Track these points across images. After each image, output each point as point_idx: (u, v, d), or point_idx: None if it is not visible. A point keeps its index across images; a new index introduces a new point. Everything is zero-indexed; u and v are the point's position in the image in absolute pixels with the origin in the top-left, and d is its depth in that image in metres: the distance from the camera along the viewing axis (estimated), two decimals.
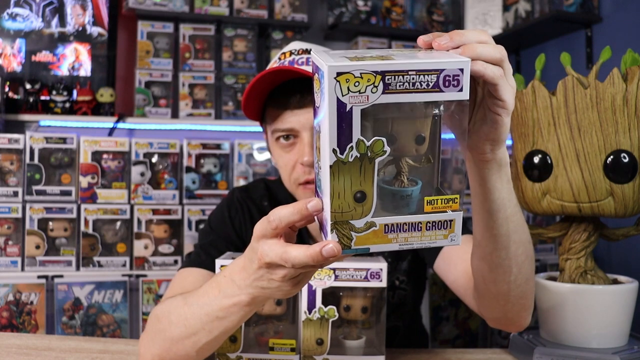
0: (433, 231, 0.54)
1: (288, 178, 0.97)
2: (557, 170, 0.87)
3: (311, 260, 0.55)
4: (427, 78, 0.49)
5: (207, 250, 1.00)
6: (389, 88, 0.49)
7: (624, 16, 1.96)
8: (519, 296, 0.80)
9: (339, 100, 0.49)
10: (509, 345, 0.97)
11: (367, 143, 0.51)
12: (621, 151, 0.83)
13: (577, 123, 0.85)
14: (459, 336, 2.15)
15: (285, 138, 0.95)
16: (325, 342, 0.81)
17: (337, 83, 0.49)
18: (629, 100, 0.83)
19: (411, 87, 0.49)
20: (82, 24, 2.13)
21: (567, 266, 0.93)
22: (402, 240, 0.54)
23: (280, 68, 0.90)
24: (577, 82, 0.84)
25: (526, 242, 0.76)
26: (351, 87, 0.49)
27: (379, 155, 0.51)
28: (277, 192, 1.11)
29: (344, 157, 0.51)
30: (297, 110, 0.92)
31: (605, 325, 0.87)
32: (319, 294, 0.81)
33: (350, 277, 0.80)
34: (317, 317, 0.81)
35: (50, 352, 0.92)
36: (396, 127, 0.53)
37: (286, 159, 0.96)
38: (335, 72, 0.49)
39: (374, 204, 0.53)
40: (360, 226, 0.53)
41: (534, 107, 0.88)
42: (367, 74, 0.49)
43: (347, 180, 0.52)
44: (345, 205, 0.53)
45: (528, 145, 0.90)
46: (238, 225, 1.06)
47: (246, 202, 1.08)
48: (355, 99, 0.49)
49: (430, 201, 0.54)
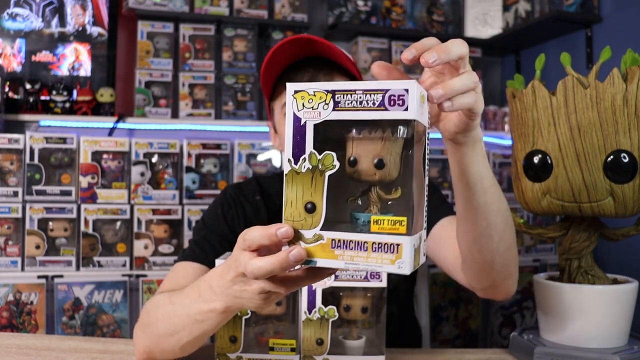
0: (379, 254, 0.52)
1: None
2: (557, 170, 0.87)
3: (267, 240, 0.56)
4: (373, 97, 0.52)
5: (201, 244, 1.03)
6: (339, 106, 0.53)
7: (624, 16, 1.96)
8: (503, 263, 0.84)
9: (295, 115, 0.54)
10: (509, 345, 0.97)
11: (319, 156, 0.54)
12: (621, 151, 0.83)
13: (577, 123, 0.85)
14: (459, 336, 2.15)
15: None
16: (325, 342, 0.81)
17: (294, 100, 0.54)
18: (629, 100, 0.83)
19: (358, 105, 0.52)
20: (82, 24, 2.13)
21: (567, 266, 0.93)
22: (348, 259, 0.53)
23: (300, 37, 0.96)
24: (577, 82, 0.84)
25: (504, 211, 0.80)
26: (305, 103, 0.54)
27: (329, 169, 0.54)
28: (268, 186, 1.15)
29: (298, 167, 0.54)
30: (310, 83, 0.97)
31: (605, 325, 0.87)
32: (319, 294, 0.81)
33: (350, 277, 0.80)
34: (317, 317, 0.81)
35: (50, 352, 0.92)
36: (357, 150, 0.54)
37: None
38: (293, 89, 0.55)
39: (323, 216, 0.54)
40: (309, 237, 0.55)
41: (534, 107, 0.88)
42: (320, 92, 0.53)
43: (300, 190, 0.54)
44: (296, 214, 0.55)
45: (528, 145, 0.90)
46: (230, 221, 1.09)
47: (239, 198, 1.12)
48: (309, 114, 0.54)
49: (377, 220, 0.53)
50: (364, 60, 2.33)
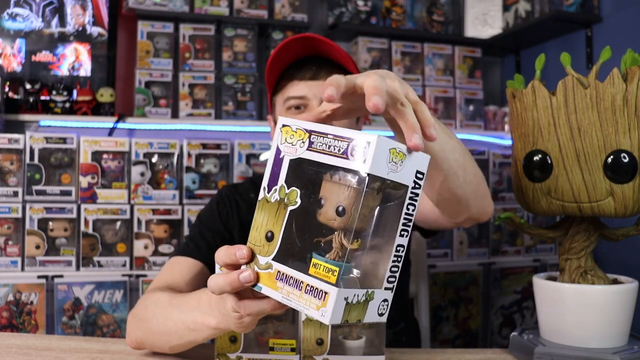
0: (310, 296, 0.52)
1: None
2: (557, 171, 0.87)
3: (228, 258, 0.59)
4: (340, 144, 0.52)
5: (195, 240, 1.08)
6: (312, 146, 0.54)
7: (624, 16, 1.96)
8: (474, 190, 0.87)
9: (277, 147, 0.57)
10: (509, 345, 0.97)
11: (287, 190, 0.55)
12: (621, 151, 0.83)
13: (577, 123, 0.85)
14: (459, 336, 2.15)
15: (296, 108, 1.05)
16: (325, 342, 0.81)
17: (281, 133, 0.57)
18: (629, 100, 0.83)
19: (327, 149, 0.53)
20: (82, 24, 2.13)
21: (567, 266, 0.93)
22: (285, 293, 0.54)
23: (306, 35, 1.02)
24: (577, 82, 0.84)
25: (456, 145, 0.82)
26: (288, 138, 0.56)
27: (292, 204, 0.55)
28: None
29: (269, 196, 0.57)
30: (310, 81, 1.04)
31: (605, 325, 0.87)
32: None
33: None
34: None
35: (50, 352, 0.92)
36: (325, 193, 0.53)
37: None
38: (282, 123, 0.57)
39: (277, 247, 0.55)
40: (262, 263, 0.56)
41: (534, 107, 0.88)
42: (300, 129, 0.55)
43: (265, 218, 0.56)
44: (258, 239, 0.57)
45: (528, 146, 0.90)
46: (225, 218, 1.13)
47: (234, 196, 1.16)
48: (288, 149, 0.56)
49: (315, 264, 0.52)
50: (364, 60, 2.33)
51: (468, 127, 2.42)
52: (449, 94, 2.41)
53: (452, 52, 2.42)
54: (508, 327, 2.20)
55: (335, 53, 1.05)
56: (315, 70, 1.05)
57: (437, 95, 2.40)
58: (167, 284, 1.00)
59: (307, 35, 1.03)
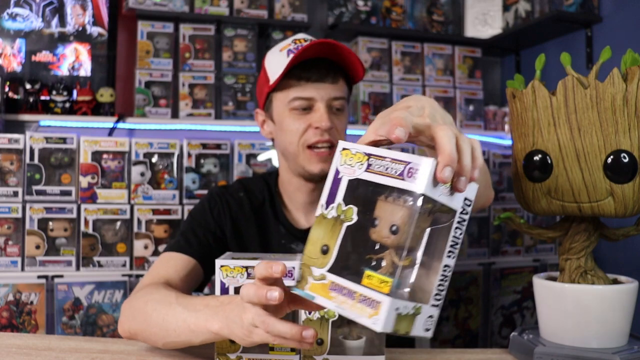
0: (362, 305, 0.56)
1: (297, 141, 1.07)
2: (557, 170, 0.87)
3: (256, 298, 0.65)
4: (397, 166, 0.56)
5: (187, 236, 1.10)
6: (370, 168, 0.59)
7: (624, 16, 1.96)
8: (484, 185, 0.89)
9: (337, 168, 0.61)
10: (509, 345, 0.97)
11: (344, 207, 0.60)
12: (621, 151, 0.83)
13: (577, 123, 0.84)
14: (459, 336, 2.15)
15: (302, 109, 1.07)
16: (326, 342, 0.81)
17: (340, 155, 0.62)
18: (629, 100, 0.83)
19: (384, 170, 0.57)
20: (82, 24, 2.13)
21: (567, 266, 0.93)
22: (338, 302, 0.58)
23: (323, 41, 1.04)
24: (577, 82, 0.84)
25: None
26: (347, 160, 0.61)
27: (348, 220, 0.59)
28: (251, 185, 1.21)
29: (326, 212, 0.61)
30: (318, 83, 1.06)
31: (605, 325, 0.87)
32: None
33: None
34: (317, 317, 0.81)
35: (50, 352, 0.92)
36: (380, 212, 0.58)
37: (299, 123, 1.07)
38: (342, 147, 0.62)
39: (332, 260, 0.59)
40: (317, 274, 0.60)
41: (534, 107, 0.88)
42: (360, 153, 0.60)
43: (322, 233, 0.61)
44: (314, 252, 0.61)
45: (528, 145, 0.90)
46: (217, 215, 1.15)
47: (224, 195, 1.18)
48: (347, 170, 0.60)
49: (369, 275, 0.56)
50: (364, 60, 2.33)
51: (468, 127, 2.42)
52: (449, 94, 2.41)
53: (452, 52, 2.42)
54: (508, 327, 2.20)
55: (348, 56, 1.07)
56: (323, 72, 1.07)
57: (437, 95, 2.40)
58: (165, 279, 1.01)
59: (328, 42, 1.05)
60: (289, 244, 1.15)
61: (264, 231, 1.16)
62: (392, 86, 2.35)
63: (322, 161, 1.07)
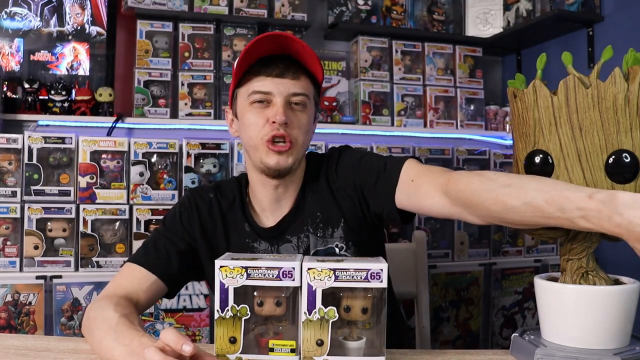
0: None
1: (256, 136, 1.08)
2: (559, 170, 0.86)
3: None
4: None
5: (148, 248, 1.11)
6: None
7: (625, 15, 1.96)
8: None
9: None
10: (510, 346, 0.97)
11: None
12: (623, 151, 0.83)
13: (578, 123, 0.84)
14: (460, 337, 2.15)
15: (259, 102, 1.08)
16: (326, 343, 0.81)
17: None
18: (631, 99, 0.82)
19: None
20: (81, 23, 2.13)
21: (568, 267, 0.92)
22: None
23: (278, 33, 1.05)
24: (578, 82, 0.84)
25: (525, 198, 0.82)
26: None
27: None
28: (225, 186, 1.21)
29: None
30: (277, 78, 1.07)
31: (607, 326, 0.87)
32: (319, 294, 0.81)
33: (350, 277, 0.81)
34: (317, 317, 0.81)
35: (48, 353, 0.92)
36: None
37: (257, 118, 1.08)
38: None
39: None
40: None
41: (535, 106, 0.88)
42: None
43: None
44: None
45: (529, 145, 0.90)
46: (186, 220, 1.16)
47: (194, 197, 1.19)
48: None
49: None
50: (364, 60, 2.32)
51: (469, 127, 2.41)
52: (450, 94, 2.40)
53: (452, 52, 2.42)
54: (509, 328, 2.19)
55: (304, 54, 1.08)
56: (283, 68, 1.07)
57: (437, 95, 2.39)
58: (126, 291, 1.04)
59: (280, 34, 1.05)
60: (252, 242, 1.15)
61: (230, 231, 1.16)
62: (393, 85, 2.34)
63: (278, 155, 1.07)
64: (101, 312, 0.93)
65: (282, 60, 1.08)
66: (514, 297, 2.22)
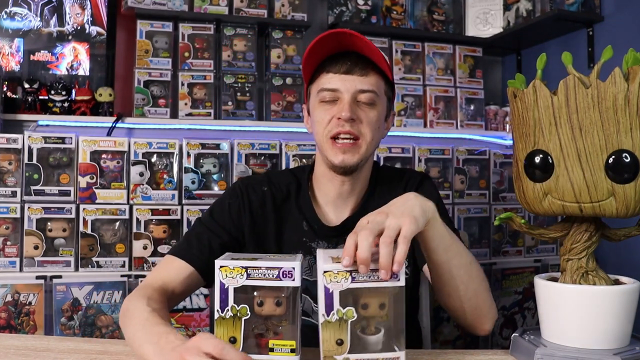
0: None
1: (322, 132, 1.09)
2: (559, 170, 0.86)
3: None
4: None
5: (190, 241, 1.10)
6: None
7: (625, 15, 1.96)
8: (473, 307, 0.99)
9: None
10: (510, 346, 0.97)
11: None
12: (623, 151, 0.83)
13: (578, 123, 0.84)
14: (460, 337, 2.15)
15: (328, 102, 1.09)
16: (345, 342, 0.81)
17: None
18: (631, 99, 0.82)
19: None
20: (81, 23, 2.13)
21: (568, 267, 0.92)
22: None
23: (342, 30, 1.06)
24: (578, 82, 0.84)
25: (466, 264, 0.96)
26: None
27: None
28: (277, 179, 1.19)
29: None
30: (344, 75, 1.08)
31: (607, 326, 0.87)
32: (337, 296, 0.81)
33: (368, 277, 0.81)
34: (336, 318, 0.81)
35: (48, 353, 0.92)
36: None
37: (325, 114, 1.09)
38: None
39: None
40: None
41: (535, 106, 0.88)
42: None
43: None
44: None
45: (529, 145, 0.90)
46: (235, 212, 1.13)
47: (247, 189, 1.16)
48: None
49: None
50: None
51: (469, 127, 2.41)
52: (450, 94, 2.40)
53: (452, 52, 2.42)
54: (509, 328, 2.19)
55: (368, 50, 1.08)
56: (350, 65, 1.08)
57: (437, 95, 2.39)
58: (162, 281, 1.02)
59: (344, 31, 1.06)
60: (310, 242, 1.13)
61: (283, 228, 1.14)
62: None
63: (342, 152, 1.06)
64: (134, 305, 0.92)
65: (349, 56, 1.09)
66: (514, 297, 2.22)
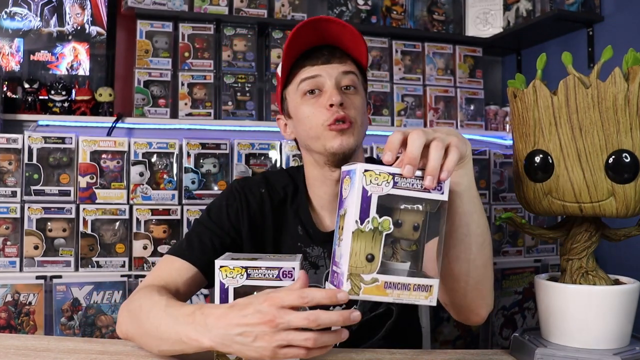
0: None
1: (316, 124, 1.04)
2: (559, 170, 0.86)
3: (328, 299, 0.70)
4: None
5: (191, 241, 1.07)
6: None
7: (625, 15, 1.96)
8: (477, 280, 0.90)
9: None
10: (510, 346, 0.97)
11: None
12: (623, 151, 0.83)
13: (578, 123, 0.84)
14: (460, 337, 2.15)
15: (310, 92, 1.05)
16: (377, 259, 0.72)
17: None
18: (631, 99, 0.82)
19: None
20: (81, 23, 2.13)
21: (568, 267, 0.92)
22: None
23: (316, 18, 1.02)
24: (578, 82, 0.83)
25: (484, 226, 0.88)
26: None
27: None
28: (274, 180, 1.16)
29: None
30: (324, 65, 1.05)
31: (606, 326, 0.87)
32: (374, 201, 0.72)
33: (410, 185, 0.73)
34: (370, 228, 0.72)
35: (48, 353, 0.92)
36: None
37: (313, 108, 1.04)
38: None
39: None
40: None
41: (535, 106, 0.88)
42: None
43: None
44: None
45: (529, 145, 0.90)
46: (233, 213, 1.11)
47: (244, 190, 1.13)
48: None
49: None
50: None
51: (469, 127, 2.41)
52: (450, 94, 2.40)
53: (452, 52, 2.42)
54: (509, 328, 2.19)
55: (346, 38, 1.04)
56: (328, 55, 1.05)
57: (437, 95, 2.39)
58: (164, 282, 0.99)
59: (318, 18, 1.02)
60: (305, 247, 1.10)
61: (280, 231, 1.12)
62: (393, 85, 2.34)
63: (340, 135, 1.02)
64: (146, 300, 0.89)
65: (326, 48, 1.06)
66: (514, 297, 2.21)
